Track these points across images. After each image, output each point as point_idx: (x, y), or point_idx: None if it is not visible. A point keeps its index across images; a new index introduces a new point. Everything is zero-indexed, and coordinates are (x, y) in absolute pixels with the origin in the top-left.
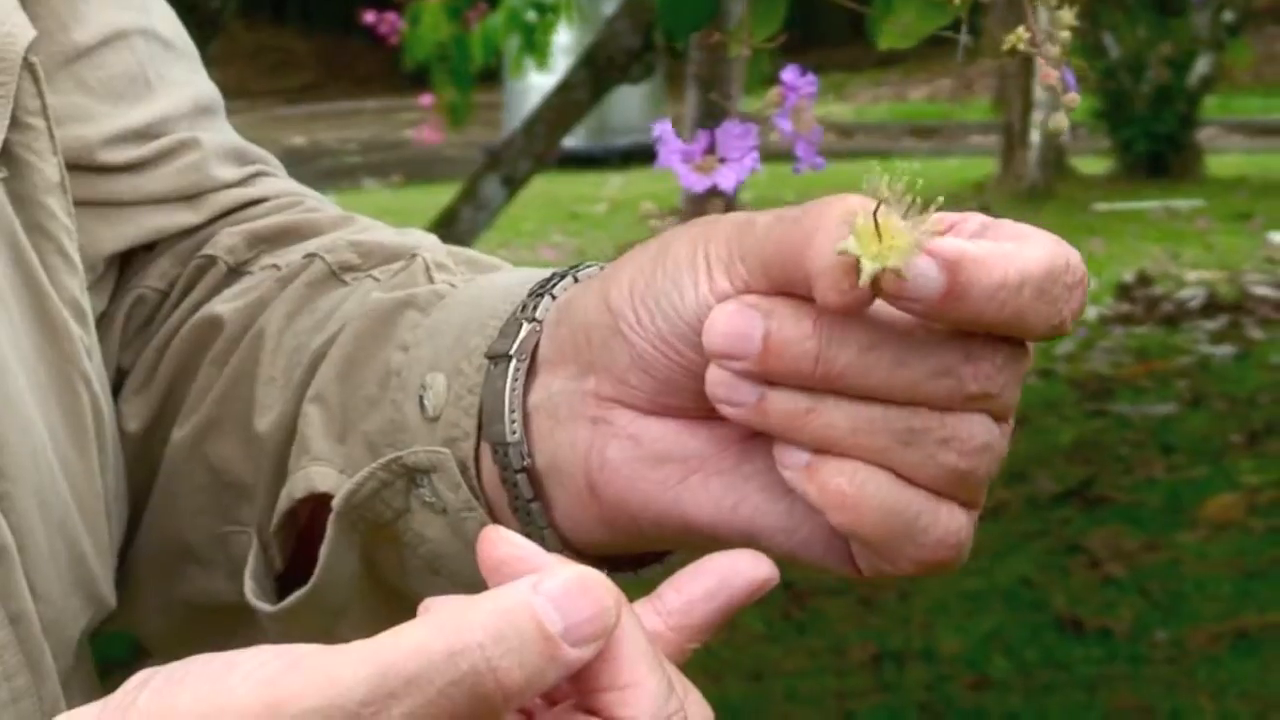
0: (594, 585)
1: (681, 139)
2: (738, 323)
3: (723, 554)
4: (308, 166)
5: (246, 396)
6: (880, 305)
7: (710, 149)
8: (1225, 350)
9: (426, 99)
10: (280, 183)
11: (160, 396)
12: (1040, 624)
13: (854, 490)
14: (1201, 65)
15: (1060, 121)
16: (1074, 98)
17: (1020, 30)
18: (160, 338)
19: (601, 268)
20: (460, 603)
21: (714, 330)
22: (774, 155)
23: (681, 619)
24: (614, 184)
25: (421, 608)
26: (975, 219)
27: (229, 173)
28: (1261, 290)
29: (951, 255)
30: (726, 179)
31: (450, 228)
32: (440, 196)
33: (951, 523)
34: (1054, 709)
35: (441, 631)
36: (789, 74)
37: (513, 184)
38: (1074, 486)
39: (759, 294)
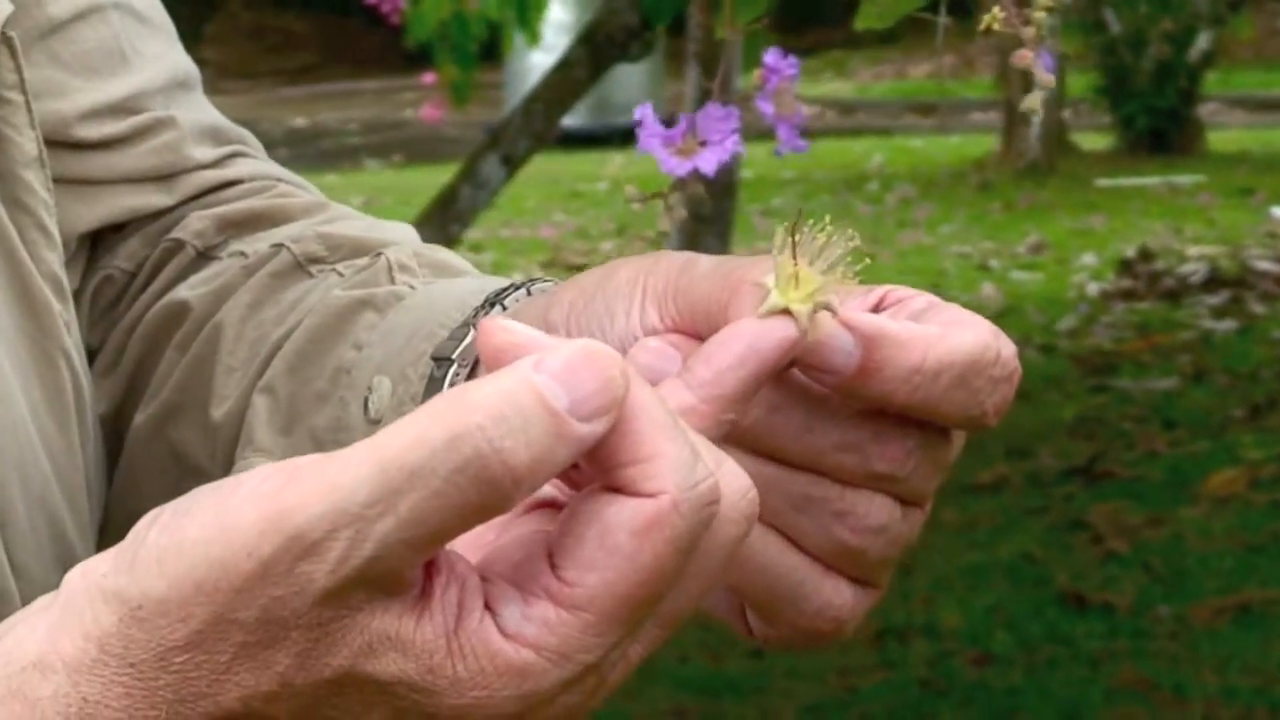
0: (599, 356)
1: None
2: (655, 360)
3: (749, 319)
4: (309, 147)
5: (206, 383)
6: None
7: (692, 131)
8: (1227, 325)
9: (429, 77)
10: (256, 164)
11: (127, 380)
12: (1043, 599)
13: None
14: (1202, 41)
15: (1034, 101)
16: (1049, 79)
17: (995, 10)
18: (127, 321)
19: (554, 283)
20: (460, 389)
21: (635, 360)
22: (769, 133)
23: (713, 390)
24: (615, 162)
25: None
26: (923, 299)
27: (204, 153)
28: (1263, 265)
29: (869, 331)
30: (707, 162)
31: (450, 207)
32: (441, 176)
33: (835, 597)
34: (1056, 684)
35: (440, 418)
36: (770, 56)
37: (512, 163)
38: (1076, 462)
39: (684, 336)
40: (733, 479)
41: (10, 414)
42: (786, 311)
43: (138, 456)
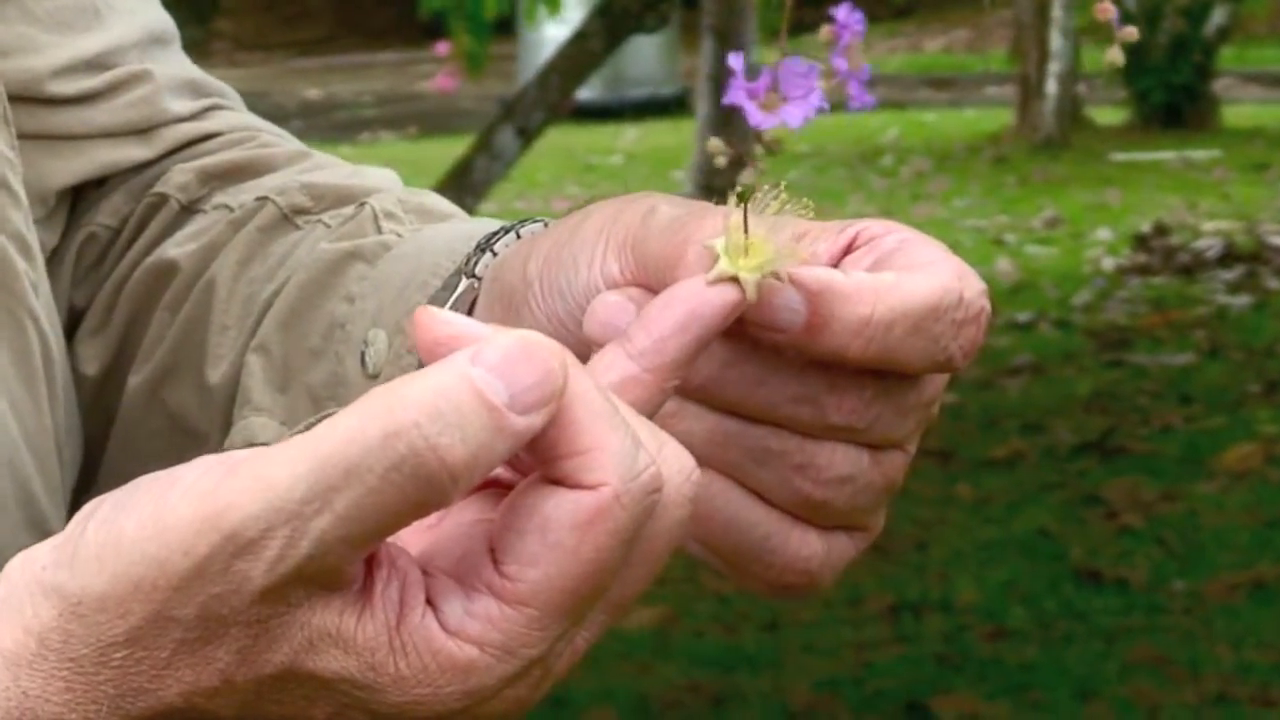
0: (537, 348)
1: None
2: (614, 314)
3: (688, 282)
4: (323, 119)
5: (200, 344)
6: None
7: (774, 87)
8: (1242, 300)
9: (442, 47)
10: (235, 116)
11: (117, 341)
12: (1058, 574)
13: (703, 501)
14: (1218, 16)
15: (1116, 55)
16: (1131, 31)
17: None
18: (114, 280)
19: (545, 224)
20: (395, 383)
21: (593, 317)
22: None
23: (655, 359)
24: (629, 136)
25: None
26: (894, 237)
27: (182, 106)
28: (1278, 240)
29: (815, 286)
30: (793, 116)
31: (465, 179)
32: (455, 148)
33: (803, 549)
34: (1071, 659)
35: (375, 415)
36: (841, 12)
37: (527, 135)
38: (1091, 437)
39: (643, 288)
40: (674, 460)
41: None
42: (734, 279)
43: (133, 420)
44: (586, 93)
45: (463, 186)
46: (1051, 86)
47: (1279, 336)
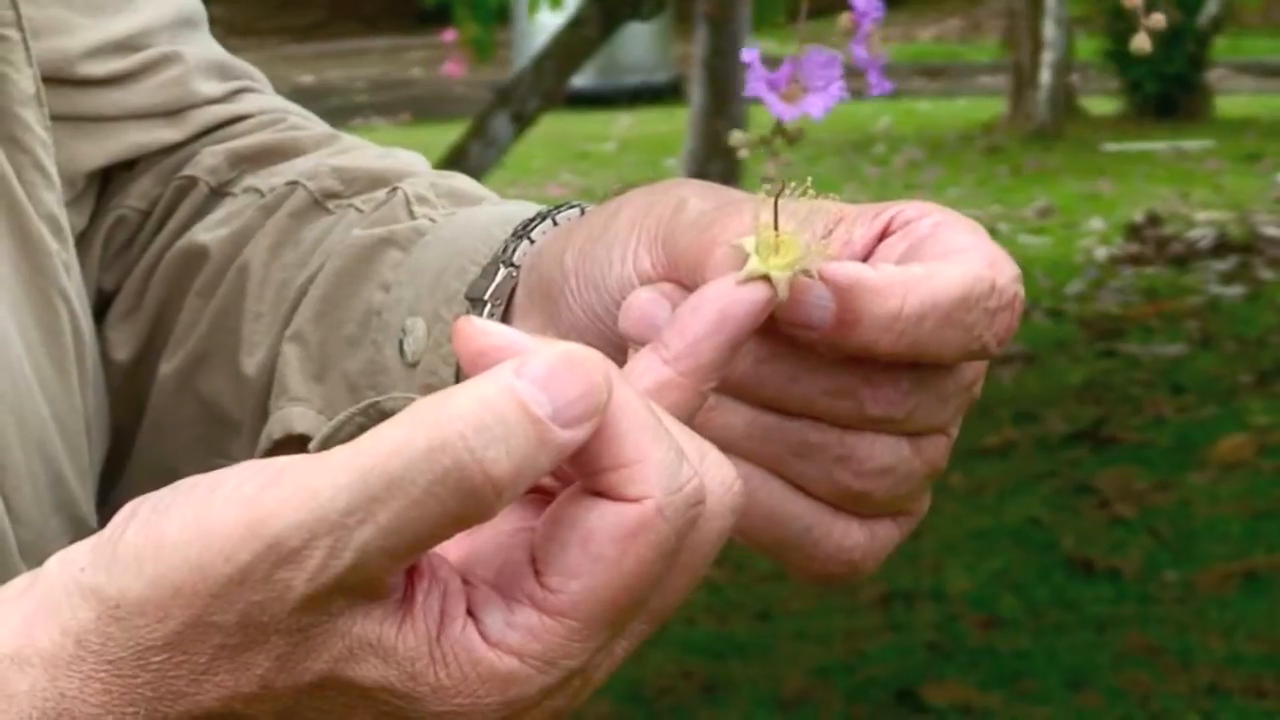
0: (581, 361)
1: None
2: (650, 310)
3: (718, 283)
4: (316, 105)
5: (234, 331)
6: None
7: (796, 77)
8: (1235, 291)
9: (449, 35)
10: (264, 99)
11: (148, 326)
12: (1050, 564)
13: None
14: (1211, 6)
15: (1143, 42)
16: (1159, 18)
17: None
18: (144, 264)
19: (582, 210)
20: (440, 396)
21: (628, 313)
22: None
23: (689, 362)
24: (623, 123)
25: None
26: (929, 220)
27: (212, 88)
28: (1271, 231)
29: (844, 282)
30: (815, 107)
31: (459, 165)
32: (449, 135)
33: (845, 539)
34: (1063, 649)
35: (421, 427)
36: (860, 1)
37: (522, 122)
38: (1084, 426)
39: (675, 283)
40: (716, 472)
41: (6, 356)
42: (765, 278)
43: (166, 407)
44: (580, 80)
45: (457, 172)
46: (1045, 76)
47: (1271, 327)
